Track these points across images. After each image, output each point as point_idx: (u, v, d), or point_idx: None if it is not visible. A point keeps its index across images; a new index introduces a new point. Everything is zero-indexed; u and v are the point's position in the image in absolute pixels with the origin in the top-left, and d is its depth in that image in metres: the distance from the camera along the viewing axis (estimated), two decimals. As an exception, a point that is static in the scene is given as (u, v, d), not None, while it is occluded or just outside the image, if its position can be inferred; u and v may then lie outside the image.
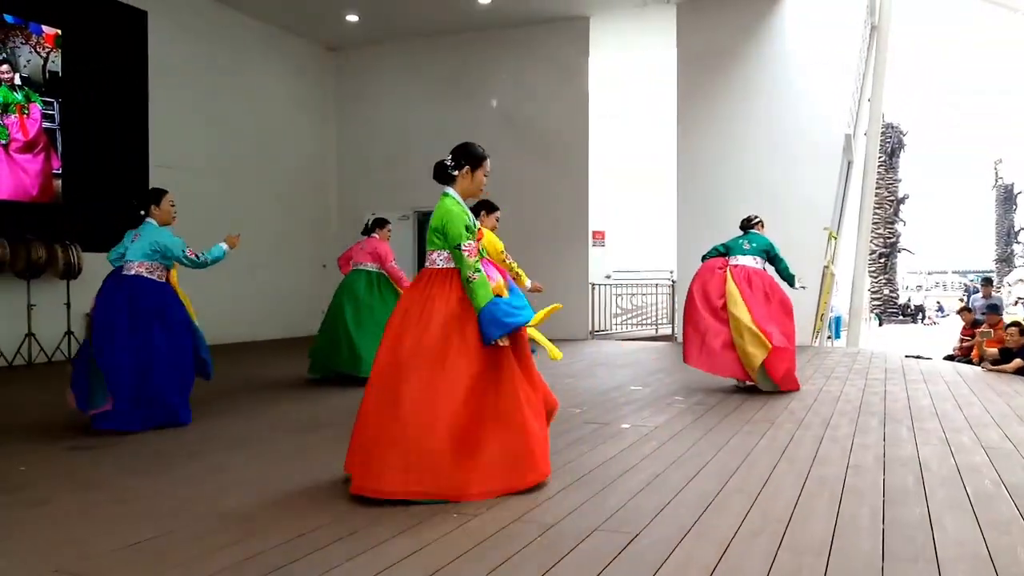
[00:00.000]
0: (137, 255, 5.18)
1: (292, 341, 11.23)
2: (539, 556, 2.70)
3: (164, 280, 5.24)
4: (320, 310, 13.04)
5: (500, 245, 5.74)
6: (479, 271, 3.47)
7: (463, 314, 3.46)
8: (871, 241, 19.86)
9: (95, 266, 9.24)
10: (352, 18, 11.96)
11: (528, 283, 5.86)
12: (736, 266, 6.69)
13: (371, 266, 7.31)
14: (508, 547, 2.79)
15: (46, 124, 9.08)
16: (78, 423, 5.10)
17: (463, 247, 3.48)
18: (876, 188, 16.37)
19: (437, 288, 3.53)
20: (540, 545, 2.82)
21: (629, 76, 14.47)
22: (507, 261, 5.75)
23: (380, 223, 7.55)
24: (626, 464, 4.03)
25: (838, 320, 19.15)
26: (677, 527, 3.00)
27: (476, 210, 5.69)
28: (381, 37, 12.93)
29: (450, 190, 3.67)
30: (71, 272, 8.72)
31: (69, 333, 8.94)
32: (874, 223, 26.58)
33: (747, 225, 7.10)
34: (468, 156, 3.71)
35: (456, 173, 3.69)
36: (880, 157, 29.68)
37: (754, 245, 6.88)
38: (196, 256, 5.25)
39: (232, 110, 11.45)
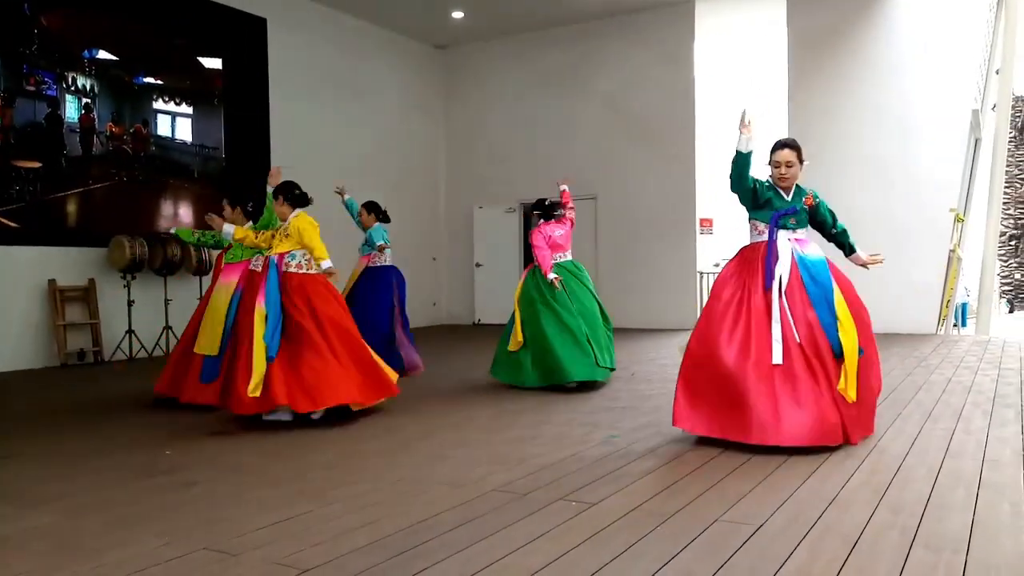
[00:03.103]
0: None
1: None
2: (660, 545, 2.71)
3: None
4: (432, 302, 13.47)
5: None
6: None
7: None
8: (1001, 223, 18.66)
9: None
10: (458, 15, 12.15)
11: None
12: None
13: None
14: (628, 536, 2.81)
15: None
16: (216, 412, 5.43)
17: None
18: (1006, 166, 15.37)
19: None
20: (660, 534, 2.83)
21: (736, 59, 14.08)
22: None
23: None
24: (744, 456, 3.97)
25: (964, 307, 18.10)
26: (802, 520, 2.94)
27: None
28: (486, 33, 13.08)
29: None
30: (203, 268, 9.27)
31: (201, 326, 9.51)
32: (1004, 203, 24.91)
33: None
34: None
35: None
36: (1011, 133, 27.78)
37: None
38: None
39: (346, 111, 11.84)
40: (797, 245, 4.38)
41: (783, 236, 4.34)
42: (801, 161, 4.46)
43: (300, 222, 5.23)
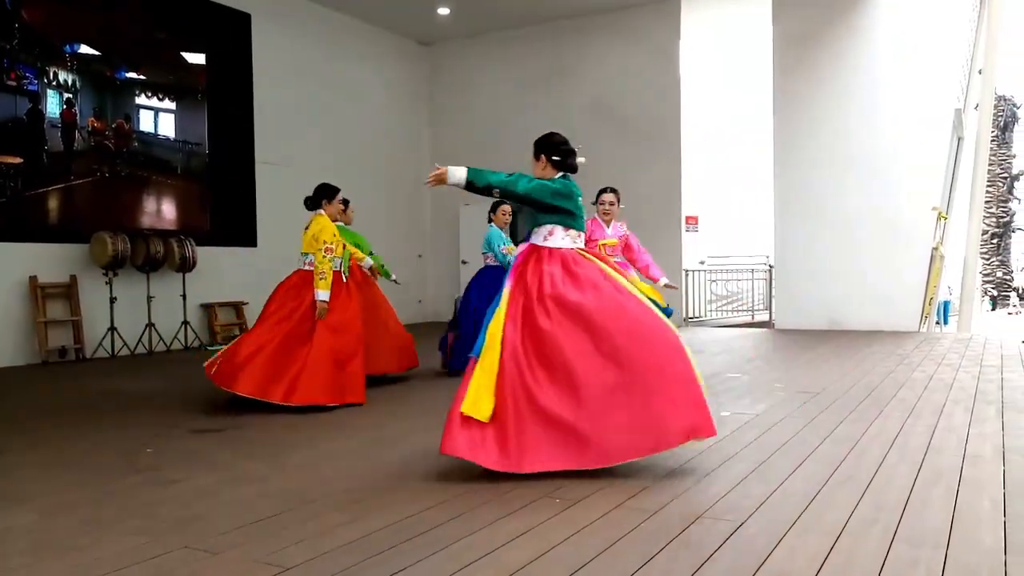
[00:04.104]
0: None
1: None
2: (643, 542, 2.72)
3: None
4: (417, 300, 13.43)
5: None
6: None
7: None
8: (983, 221, 18.82)
9: (208, 259, 9.76)
10: (443, 11, 12.12)
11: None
12: None
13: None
14: (612, 533, 2.81)
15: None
16: (198, 408, 5.40)
17: None
18: (988, 165, 15.50)
19: None
20: (644, 531, 2.83)
21: (722, 57, 14.14)
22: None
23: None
24: (728, 452, 3.98)
25: (946, 305, 18.26)
26: (784, 516, 2.95)
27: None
28: (471, 30, 13.06)
29: None
30: (186, 265, 9.21)
31: (185, 323, 9.45)
32: (986, 202, 25.18)
33: None
34: None
35: None
36: (992, 132, 28.06)
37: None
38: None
39: (331, 107, 11.80)
40: None
41: None
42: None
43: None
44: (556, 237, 3.81)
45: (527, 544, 2.72)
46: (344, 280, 5.70)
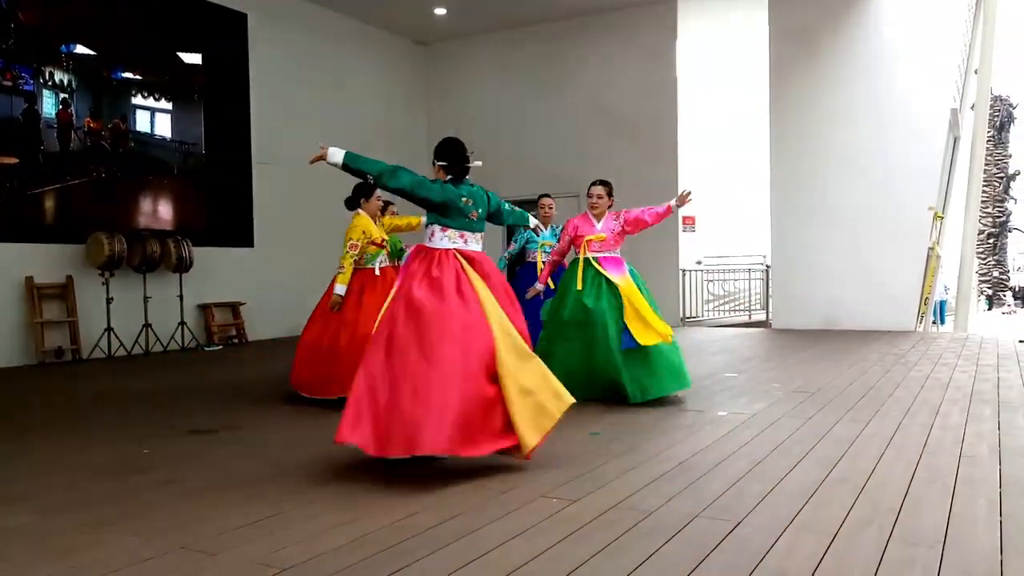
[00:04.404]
0: None
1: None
2: (640, 542, 2.72)
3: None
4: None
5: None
6: None
7: None
8: (979, 220, 18.84)
9: (205, 259, 9.75)
10: (440, 12, 12.12)
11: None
12: None
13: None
14: (608, 532, 2.81)
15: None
16: (195, 409, 5.39)
17: None
18: (985, 165, 15.54)
19: None
20: (640, 531, 2.83)
21: (718, 58, 14.16)
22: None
23: None
24: (724, 452, 3.99)
25: (942, 304, 18.30)
26: (781, 515, 2.96)
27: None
28: (468, 30, 13.05)
29: None
30: (183, 266, 9.19)
31: (182, 323, 9.44)
32: (983, 201, 25.19)
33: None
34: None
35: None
36: (988, 132, 28.10)
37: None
38: None
39: (328, 107, 11.77)
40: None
41: None
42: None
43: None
44: (436, 237, 3.99)
45: (524, 544, 2.72)
46: (376, 275, 5.72)
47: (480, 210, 4.08)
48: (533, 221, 4.92)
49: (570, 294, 5.53)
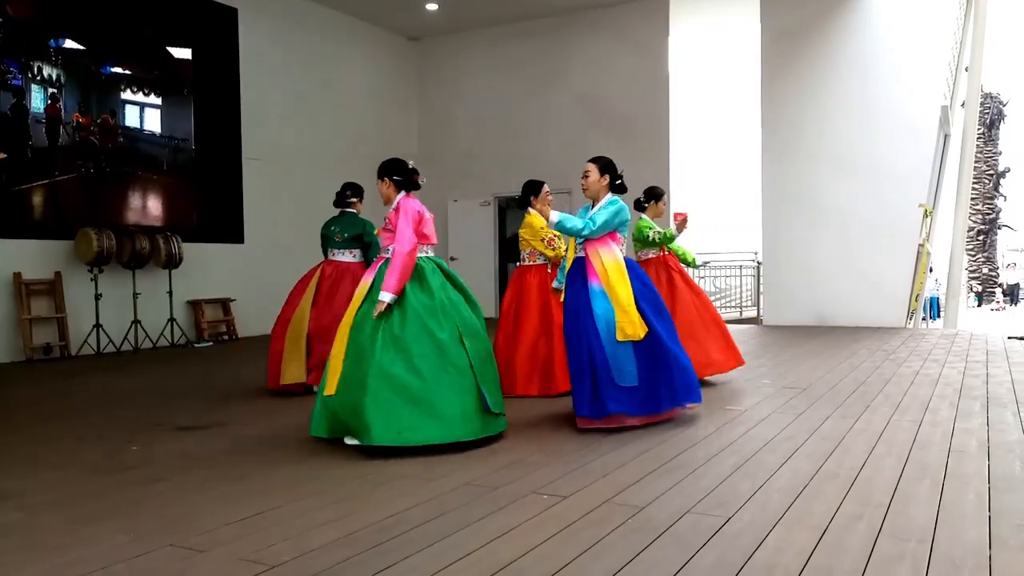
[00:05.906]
0: None
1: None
2: (630, 538, 2.72)
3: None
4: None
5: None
6: None
7: None
8: (969, 217, 18.94)
9: (194, 255, 9.71)
10: (432, 7, 12.08)
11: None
12: None
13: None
14: (599, 529, 2.81)
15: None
16: (184, 406, 5.36)
17: None
18: (974, 162, 15.61)
19: None
20: (630, 527, 2.83)
21: (710, 55, 14.17)
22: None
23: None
24: (715, 448, 3.99)
25: (934, 300, 18.40)
26: (771, 511, 2.96)
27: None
28: (460, 25, 13.02)
29: None
30: (172, 262, 9.14)
31: (172, 320, 9.39)
32: (972, 198, 25.35)
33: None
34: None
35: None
36: (979, 129, 28.19)
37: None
38: None
39: (318, 102, 11.74)
40: None
41: None
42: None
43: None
44: None
45: (513, 541, 2.71)
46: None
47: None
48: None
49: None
